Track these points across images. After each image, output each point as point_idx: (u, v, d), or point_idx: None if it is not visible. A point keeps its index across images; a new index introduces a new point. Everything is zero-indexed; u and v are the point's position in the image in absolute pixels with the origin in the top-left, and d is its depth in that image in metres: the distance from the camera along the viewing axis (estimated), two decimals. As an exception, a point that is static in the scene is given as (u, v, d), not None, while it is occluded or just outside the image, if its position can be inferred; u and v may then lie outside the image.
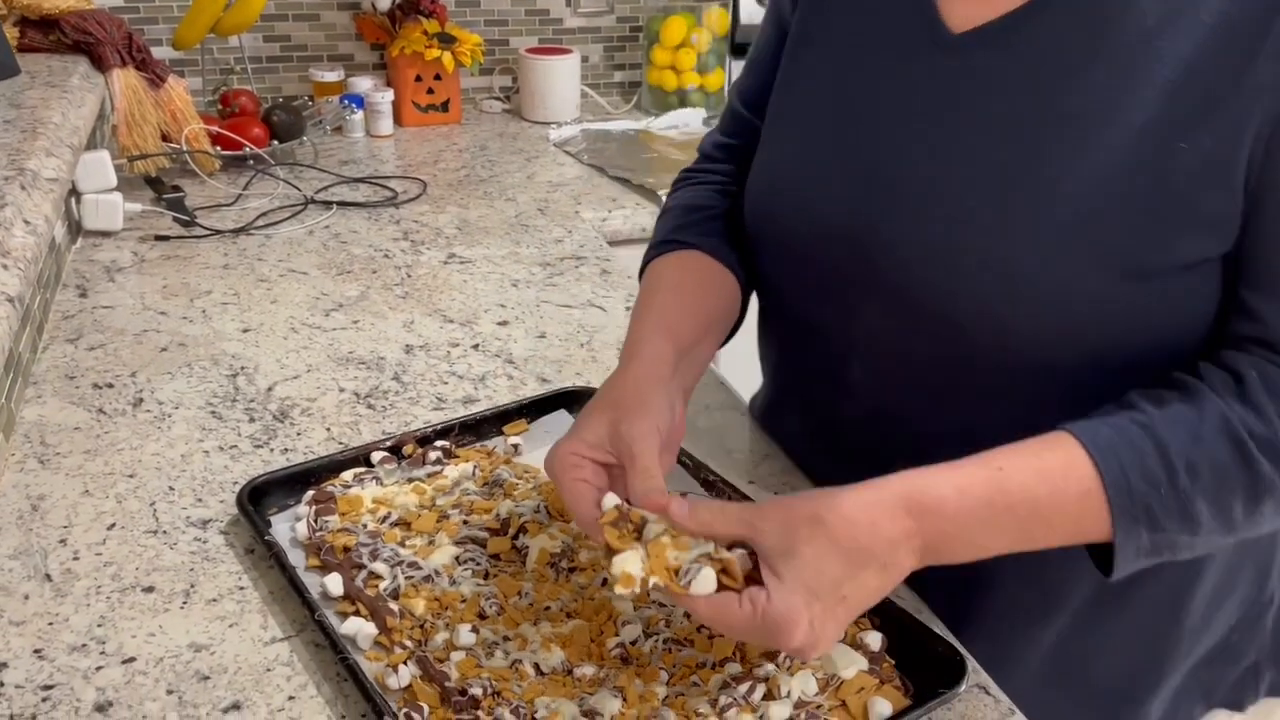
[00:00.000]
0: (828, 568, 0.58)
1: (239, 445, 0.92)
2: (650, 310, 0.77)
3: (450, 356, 1.09)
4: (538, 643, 0.69)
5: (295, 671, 0.69)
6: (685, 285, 0.81)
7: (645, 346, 0.73)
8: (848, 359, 0.79)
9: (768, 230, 0.82)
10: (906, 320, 0.72)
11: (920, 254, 0.69)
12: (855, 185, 0.73)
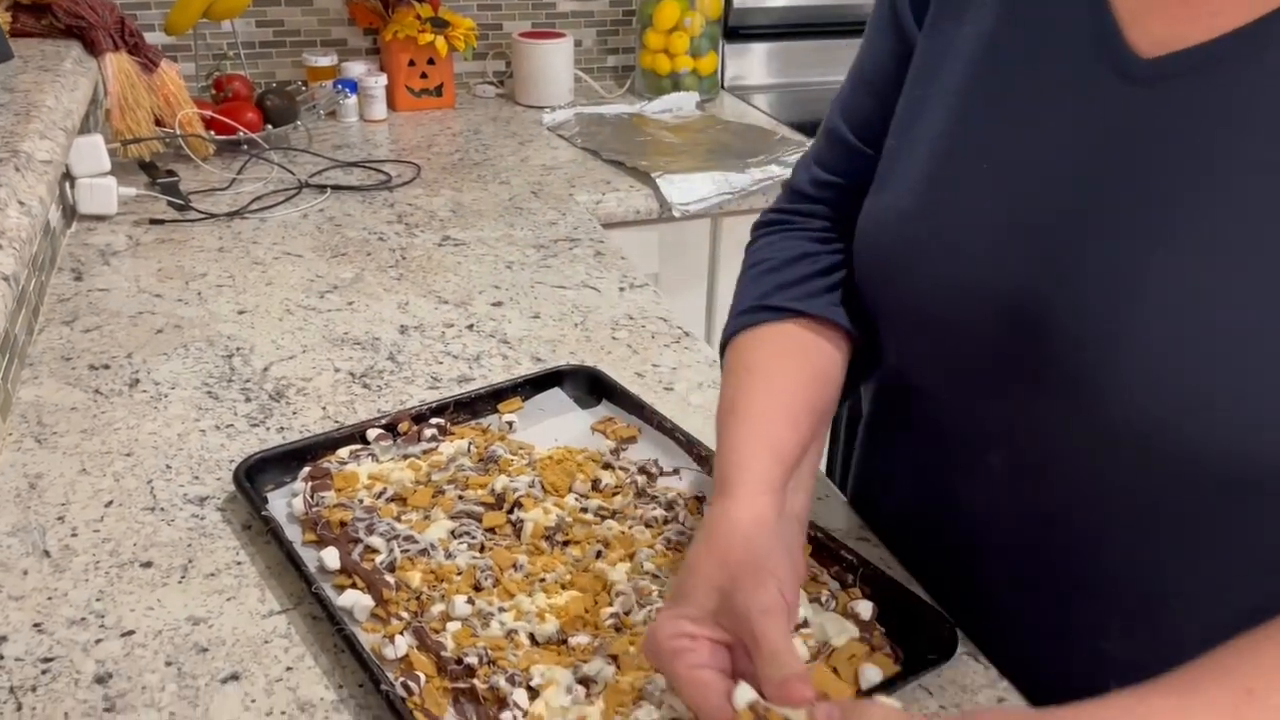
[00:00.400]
0: None
1: (235, 424, 0.93)
2: (747, 418, 0.64)
3: (445, 337, 1.09)
4: (533, 613, 0.70)
5: (293, 643, 0.69)
6: (787, 377, 0.67)
7: (747, 474, 0.61)
8: (987, 444, 0.66)
9: (889, 291, 0.68)
10: (1082, 419, 0.58)
11: (1121, 353, 0.54)
12: (1025, 250, 0.58)
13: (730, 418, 0.65)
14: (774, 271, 0.73)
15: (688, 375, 1.03)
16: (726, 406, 0.66)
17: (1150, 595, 0.63)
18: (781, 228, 0.77)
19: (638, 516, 0.80)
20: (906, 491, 0.78)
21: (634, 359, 1.06)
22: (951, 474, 0.70)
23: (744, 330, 0.70)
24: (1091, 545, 0.62)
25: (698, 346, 1.09)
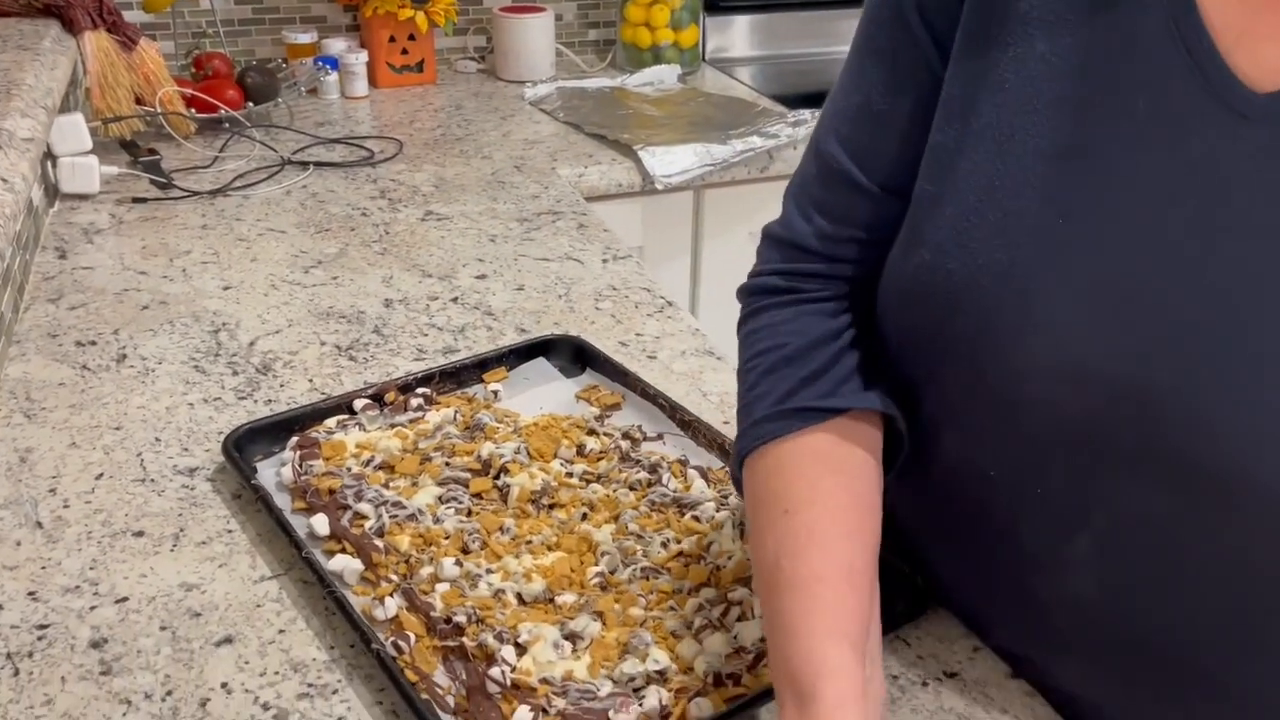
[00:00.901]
0: None
1: (223, 397, 0.94)
2: (804, 590, 0.54)
3: (430, 309, 1.10)
4: (520, 573, 0.71)
5: (284, 607, 0.71)
6: (836, 521, 0.57)
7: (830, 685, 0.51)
8: (1071, 532, 0.58)
9: (938, 354, 0.59)
10: (1198, 503, 0.52)
11: (1252, 433, 0.48)
12: (1133, 322, 0.51)
13: (781, 585, 0.55)
14: (793, 362, 0.62)
15: (671, 344, 1.05)
16: (771, 564, 0.56)
17: (1256, 680, 0.57)
18: (789, 298, 0.65)
19: (622, 480, 0.81)
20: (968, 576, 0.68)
21: (617, 329, 1.07)
22: (1021, 567, 0.62)
23: (769, 443, 0.60)
24: (1192, 625, 0.57)
25: (680, 316, 1.10)
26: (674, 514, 0.78)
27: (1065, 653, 0.63)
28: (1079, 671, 0.63)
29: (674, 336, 1.06)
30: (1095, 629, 0.60)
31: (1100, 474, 0.55)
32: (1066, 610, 0.61)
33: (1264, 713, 0.59)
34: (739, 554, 0.73)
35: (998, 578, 0.65)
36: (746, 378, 0.64)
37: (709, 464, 0.84)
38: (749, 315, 0.67)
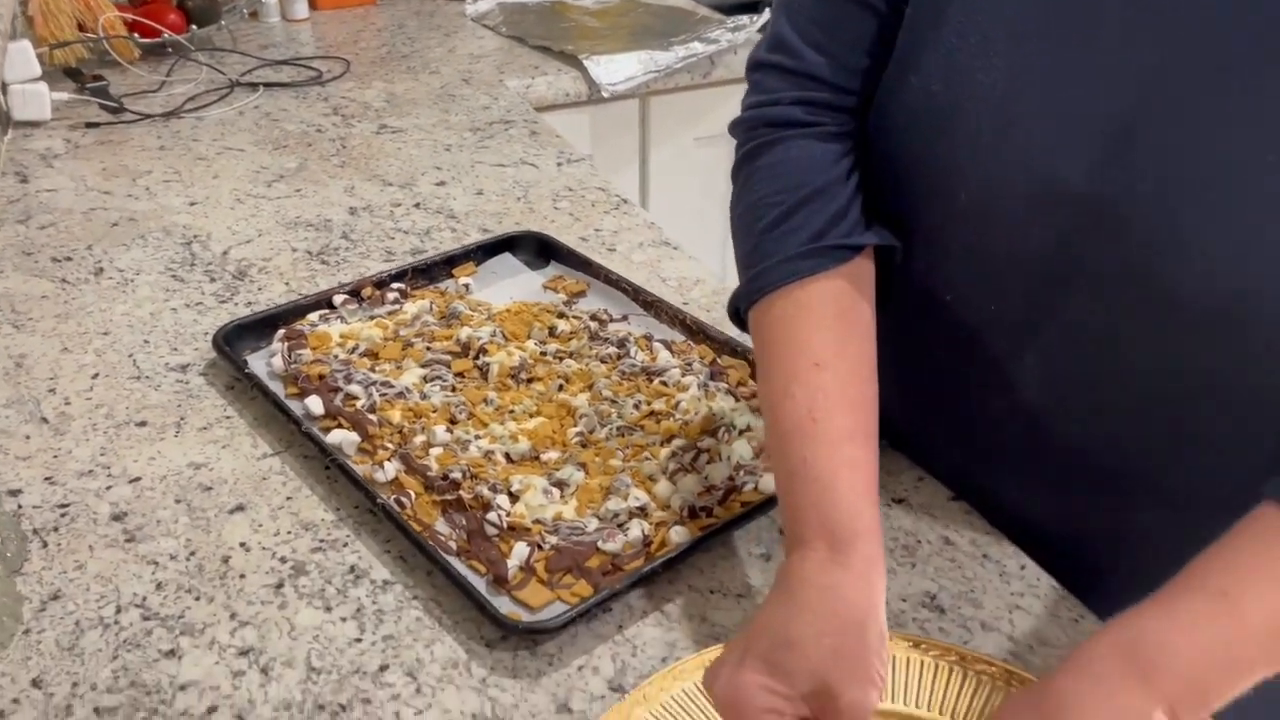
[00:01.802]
0: None
1: (204, 302, 0.98)
2: (836, 443, 0.58)
3: (394, 215, 1.14)
4: (506, 436, 0.78)
5: (289, 479, 0.76)
6: (860, 379, 0.61)
7: (862, 533, 0.56)
8: (1022, 348, 0.64)
9: (918, 178, 0.63)
10: (1139, 313, 0.57)
11: (1204, 254, 0.53)
12: (1099, 135, 0.55)
13: (816, 438, 0.58)
14: (823, 196, 0.63)
15: (628, 237, 1.10)
16: (803, 414, 0.58)
17: (1193, 473, 0.63)
18: (812, 130, 0.65)
19: (593, 355, 0.88)
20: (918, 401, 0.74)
21: (576, 225, 1.13)
22: (978, 385, 0.67)
23: (796, 281, 0.61)
24: (1131, 431, 0.63)
25: (636, 212, 1.16)
26: (643, 381, 0.84)
27: (1010, 468, 0.71)
28: (1023, 485, 0.71)
29: (631, 230, 1.12)
30: (1039, 442, 0.67)
31: (1055, 292, 0.60)
32: (1013, 425, 0.67)
33: (1191, 508, 0.65)
34: (705, 409, 0.80)
35: (950, 399, 0.72)
36: (767, 213, 0.64)
37: (672, 338, 0.91)
38: (762, 148, 0.66)
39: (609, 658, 0.63)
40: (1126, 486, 0.67)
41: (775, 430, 0.61)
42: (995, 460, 0.72)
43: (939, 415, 0.74)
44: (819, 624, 0.53)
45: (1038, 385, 0.65)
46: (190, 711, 0.59)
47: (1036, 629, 0.65)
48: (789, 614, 0.54)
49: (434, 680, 0.61)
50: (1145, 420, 0.63)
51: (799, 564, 0.56)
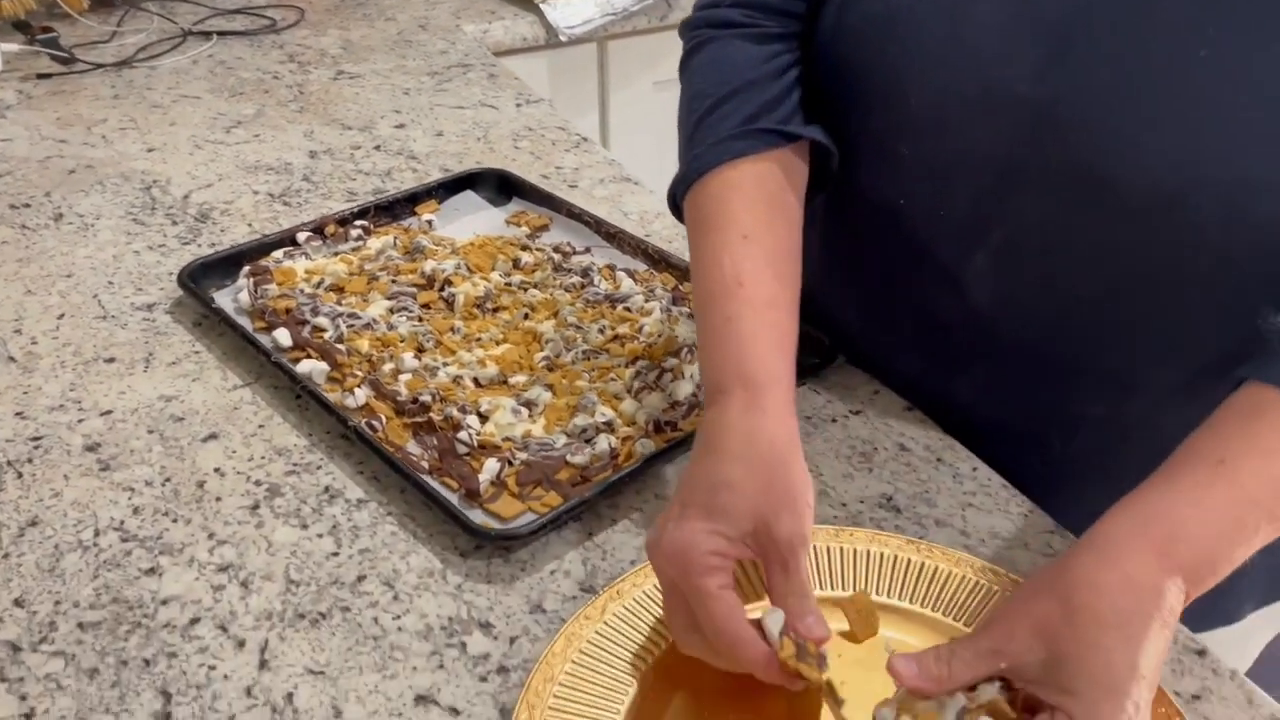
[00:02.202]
0: (1113, 655, 0.47)
1: (166, 244, 0.98)
2: (756, 305, 0.61)
3: (354, 157, 1.15)
4: (474, 362, 0.79)
5: (260, 408, 0.77)
6: (785, 250, 0.64)
7: (777, 384, 0.58)
8: (973, 250, 0.67)
9: (869, 85, 0.66)
10: (1084, 208, 0.60)
11: (1144, 149, 0.56)
12: (1043, 40, 0.58)
13: (742, 300, 0.60)
14: (756, 86, 0.67)
15: (589, 174, 1.12)
16: (730, 279, 0.61)
17: (1136, 363, 0.67)
18: (748, 30, 0.69)
19: (557, 285, 0.89)
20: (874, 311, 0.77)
21: (538, 164, 1.13)
22: (931, 288, 0.70)
23: (729, 162, 0.65)
24: (1079, 325, 0.66)
25: (596, 150, 1.17)
26: (607, 308, 0.86)
27: (964, 371, 0.73)
28: (976, 388, 0.74)
29: (591, 168, 1.13)
30: (991, 342, 0.70)
31: (1002, 193, 0.63)
32: (966, 328, 0.71)
33: (1135, 400, 0.70)
34: (668, 332, 0.82)
35: (904, 306, 0.75)
36: (702, 103, 0.67)
37: (635, 268, 0.92)
38: (701, 45, 0.70)
39: (580, 562, 0.65)
40: (1075, 382, 0.70)
41: (701, 293, 0.63)
42: (949, 365, 0.74)
43: (894, 324, 0.77)
44: (747, 464, 0.55)
45: (988, 286, 0.68)
46: (173, 623, 0.60)
47: (988, 524, 0.68)
48: (717, 461, 0.55)
49: (410, 588, 0.63)
50: (1092, 314, 0.66)
51: (719, 414, 0.58)
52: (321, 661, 0.58)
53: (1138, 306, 0.64)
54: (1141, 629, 0.47)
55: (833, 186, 0.72)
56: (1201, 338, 0.63)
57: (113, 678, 0.57)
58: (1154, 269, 0.62)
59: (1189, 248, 0.59)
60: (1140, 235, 0.60)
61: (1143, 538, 0.49)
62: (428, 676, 0.58)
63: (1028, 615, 0.49)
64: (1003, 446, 0.73)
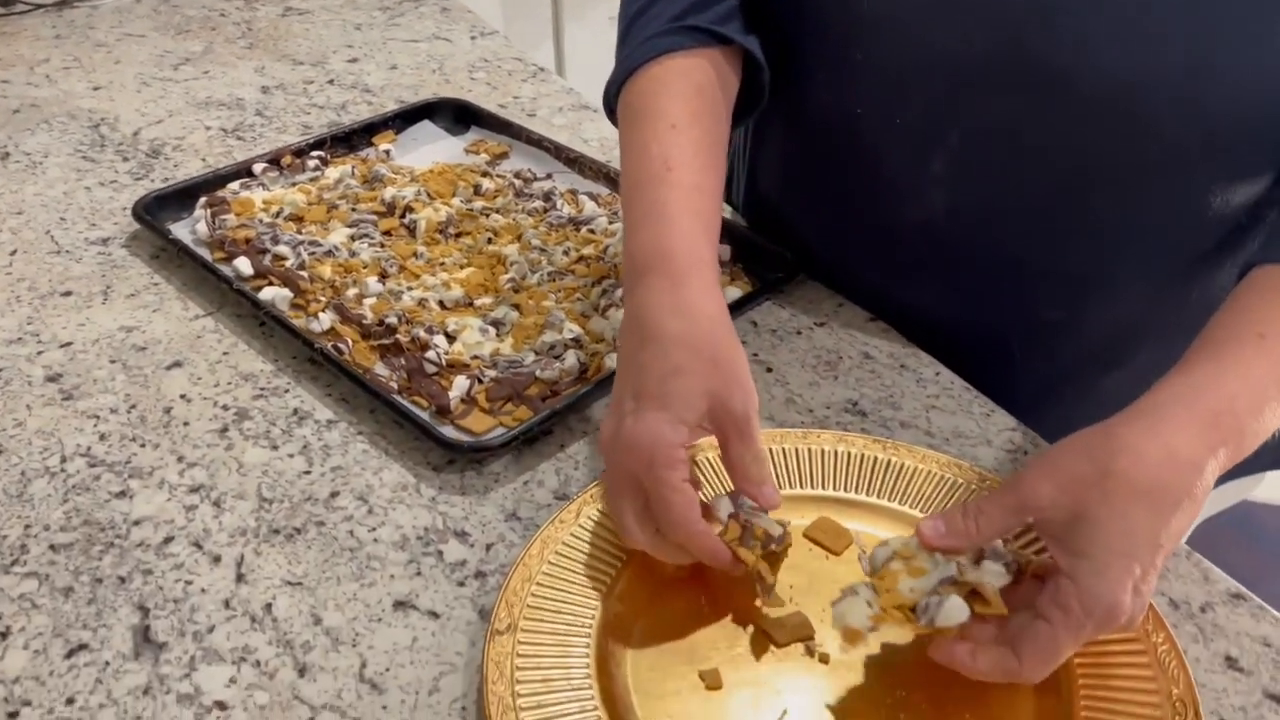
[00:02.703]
0: (1137, 524, 0.47)
1: (118, 180, 0.96)
2: (681, 188, 0.60)
3: (308, 91, 1.13)
4: (439, 285, 0.79)
5: (224, 336, 0.77)
6: (712, 140, 0.64)
7: (704, 263, 0.58)
8: (929, 155, 0.68)
9: (857, 16, 0.65)
10: (1038, 108, 0.61)
11: (1099, 44, 0.58)
12: None
13: (670, 184, 0.60)
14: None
15: (547, 103, 1.11)
16: (658, 165, 0.61)
17: (1092, 261, 0.69)
18: None
19: (520, 209, 0.89)
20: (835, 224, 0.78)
21: (495, 94, 1.12)
22: (889, 192, 0.71)
23: (656, 59, 0.65)
24: (1035, 227, 0.67)
25: (553, 79, 1.16)
26: (571, 230, 0.86)
27: (925, 279, 0.74)
28: (937, 295, 0.75)
29: (549, 97, 1.12)
30: (950, 248, 0.71)
31: (957, 96, 0.64)
32: (925, 235, 0.72)
33: (1088, 298, 0.71)
34: (632, 252, 0.82)
35: (864, 217, 0.75)
36: (634, 5, 0.69)
37: (597, 191, 0.92)
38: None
39: (553, 472, 0.66)
40: (1034, 286, 0.72)
41: (630, 181, 0.62)
42: (910, 274, 0.75)
43: (855, 235, 0.77)
44: (690, 344, 0.54)
45: (945, 192, 0.69)
46: (147, 542, 0.60)
47: (952, 424, 0.69)
48: (659, 346, 0.54)
49: (385, 502, 0.63)
50: (1049, 215, 0.67)
51: (646, 295, 0.57)
52: (299, 573, 0.59)
53: (1094, 205, 0.65)
54: (1173, 504, 0.47)
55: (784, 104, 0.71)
56: (1156, 233, 0.65)
57: (88, 595, 0.57)
58: (1109, 166, 0.63)
59: (1143, 142, 0.60)
60: (1096, 132, 0.61)
61: (1190, 410, 0.49)
62: (406, 583, 0.58)
63: (1060, 472, 0.48)
64: (966, 355, 0.74)
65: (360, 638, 0.55)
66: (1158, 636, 0.52)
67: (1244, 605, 0.58)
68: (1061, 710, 0.51)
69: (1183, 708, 0.49)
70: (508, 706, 0.49)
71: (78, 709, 0.51)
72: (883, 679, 0.53)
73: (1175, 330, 0.61)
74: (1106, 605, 0.46)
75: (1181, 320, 0.58)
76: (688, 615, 0.56)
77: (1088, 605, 0.46)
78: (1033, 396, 0.73)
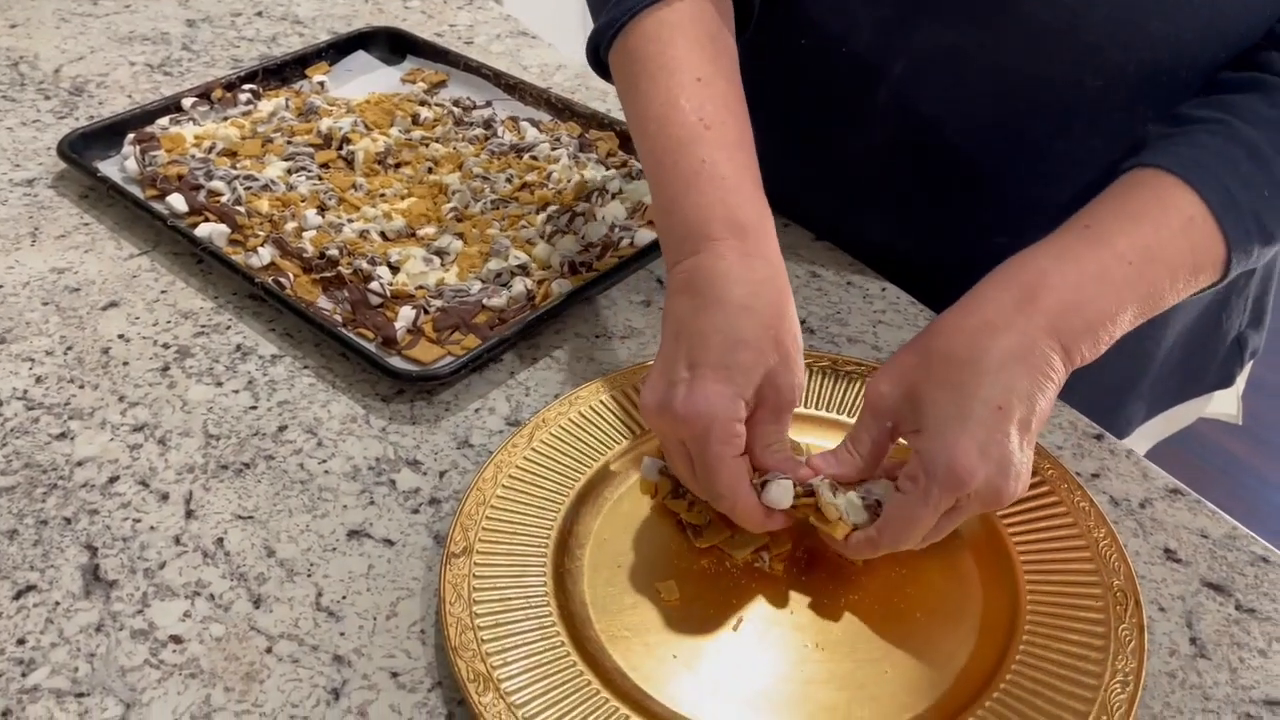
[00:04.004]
0: (962, 390, 0.48)
1: (41, 119, 0.93)
2: (729, 145, 0.57)
3: (236, 24, 1.09)
4: (380, 217, 0.77)
5: (160, 274, 0.75)
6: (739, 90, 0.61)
7: (765, 219, 0.56)
8: (877, 82, 0.68)
9: None
10: (984, 34, 0.62)
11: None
12: None
13: (713, 143, 0.57)
14: None
15: (485, 30, 1.08)
16: (693, 123, 0.57)
17: (1034, 187, 0.69)
18: None
19: (460, 138, 0.87)
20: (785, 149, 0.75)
21: (430, 23, 1.10)
22: (839, 120, 0.71)
23: (659, 5, 0.60)
24: (980, 153, 0.67)
25: (490, 6, 1.13)
26: (513, 158, 0.85)
27: (873, 203, 0.74)
28: (885, 219, 0.75)
29: (487, 24, 1.10)
30: (896, 174, 0.72)
31: (902, 24, 0.64)
32: (872, 160, 0.72)
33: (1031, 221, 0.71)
34: (577, 178, 0.81)
35: (813, 143, 0.75)
36: None
37: (539, 118, 0.91)
38: None
39: (504, 399, 0.65)
40: (979, 212, 0.72)
41: (666, 139, 0.58)
42: (858, 202, 0.75)
43: (804, 160, 0.77)
44: (758, 317, 0.52)
45: (891, 120, 0.69)
46: (91, 483, 0.59)
47: (899, 337, 0.70)
48: (723, 315, 0.52)
49: (334, 434, 0.63)
50: (993, 141, 0.68)
51: (714, 262, 0.54)
52: (250, 507, 0.58)
53: (1037, 133, 0.66)
54: (997, 364, 0.48)
55: None
56: (1098, 161, 0.65)
57: (33, 537, 0.56)
58: (1052, 94, 0.63)
59: (1085, 69, 0.61)
60: (1038, 59, 0.62)
61: (1003, 288, 0.51)
62: (359, 513, 0.58)
63: (893, 369, 0.51)
64: (914, 282, 0.75)
65: (315, 567, 0.55)
66: (1099, 532, 0.54)
67: (1182, 500, 0.59)
68: (1008, 604, 0.52)
69: (1123, 597, 0.51)
70: (466, 626, 0.50)
71: (29, 649, 0.51)
72: (832, 587, 0.54)
73: None
74: (945, 465, 0.47)
75: None
76: (643, 532, 0.56)
77: (929, 468, 0.48)
78: None
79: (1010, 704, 0.47)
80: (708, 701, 0.49)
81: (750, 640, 0.51)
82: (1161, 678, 0.51)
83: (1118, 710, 0.46)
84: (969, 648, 0.51)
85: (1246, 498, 1.88)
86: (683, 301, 0.54)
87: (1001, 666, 0.49)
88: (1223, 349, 0.86)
